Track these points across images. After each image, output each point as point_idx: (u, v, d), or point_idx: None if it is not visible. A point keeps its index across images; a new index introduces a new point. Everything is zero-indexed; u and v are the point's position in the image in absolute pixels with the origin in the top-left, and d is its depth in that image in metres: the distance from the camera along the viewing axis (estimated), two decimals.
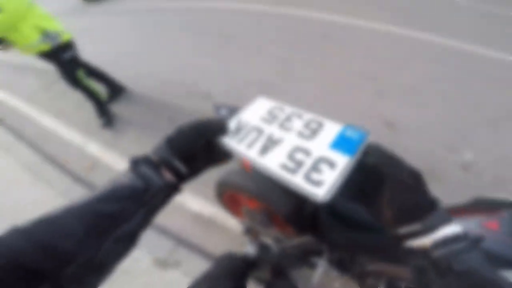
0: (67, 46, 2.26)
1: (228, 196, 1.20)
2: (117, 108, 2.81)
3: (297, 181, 0.33)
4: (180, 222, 1.80)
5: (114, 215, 0.33)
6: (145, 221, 0.37)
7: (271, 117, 0.44)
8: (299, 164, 0.35)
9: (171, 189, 0.40)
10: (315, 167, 0.34)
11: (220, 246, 1.63)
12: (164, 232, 1.76)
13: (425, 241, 0.32)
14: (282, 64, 2.98)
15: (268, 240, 0.92)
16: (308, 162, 0.35)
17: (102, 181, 1.36)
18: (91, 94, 2.52)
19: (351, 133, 0.37)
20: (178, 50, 3.70)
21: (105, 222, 0.32)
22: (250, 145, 0.41)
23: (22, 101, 3.56)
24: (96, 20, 5.65)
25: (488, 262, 0.30)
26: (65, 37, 2.21)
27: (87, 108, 2.64)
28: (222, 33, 3.80)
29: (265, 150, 0.39)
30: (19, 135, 2.90)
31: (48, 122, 2.96)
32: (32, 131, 2.92)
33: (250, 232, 1.09)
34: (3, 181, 2.38)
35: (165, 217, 1.79)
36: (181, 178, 0.41)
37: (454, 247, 0.31)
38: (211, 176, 1.81)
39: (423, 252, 0.32)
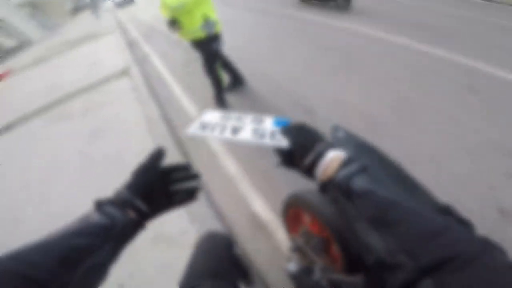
0: (217, 38, 2.44)
1: (294, 211, 1.22)
2: (232, 97, 3.18)
3: (268, 141, 0.48)
4: (237, 215, 1.90)
5: (84, 249, 0.36)
6: (113, 254, 0.41)
7: (225, 119, 0.58)
8: (263, 135, 0.50)
9: (135, 226, 0.45)
10: (272, 135, 0.50)
11: (259, 251, 1.66)
12: (220, 217, 1.90)
13: (323, 167, 0.40)
14: (404, 106, 2.65)
15: (313, 265, 0.90)
16: (267, 133, 0.50)
17: (195, 151, 2.10)
18: (218, 83, 2.75)
19: (281, 119, 0.55)
20: (300, 60, 3.88)
21: (75, 254, 0.35)
22: (221, 132, 0.54)
23: (167, 69, 4.58)
24: (243, 14, 6.61)
25: (384, 184, 0.36)
26: (217, 28, 2.38)
27: (209, 91, 2.98)
28: (349, 56, 3.73)
29: (235, 132, 0.53)
30: (154, 94, 3.74)
31: (178, 91, 3.70)
32: (164, 94, 3.72)
33: (298, 251, 1.09)
34: (125, 125, 3.14)
35: (227, 204, 2.00)
36: (144, 216, 0.46)
37: (348, 170, 0.38)
38: (286, 187, 1.90)
39: (331, 181, 0.39)
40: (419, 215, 0.32)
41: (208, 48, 2.46)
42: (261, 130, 0.52)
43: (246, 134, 0.51)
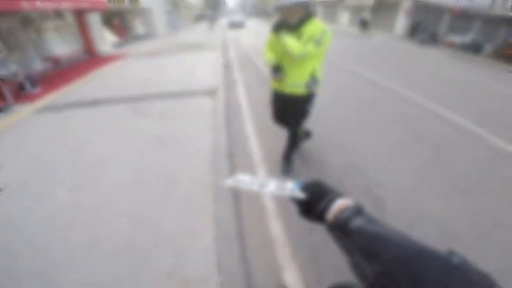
0: (313, 97, 2.24)
1: None
2: (299, 164, 2.93)
3: (288, 193, 0.58)
4: (265, 281, 1.73)
5: None
6: None
7: (254, 179, 0.65)
8: (284, 189, 0.60)
9: None
10: (292, 190, 0.59)
11: None
12: (247, 276, 1.73)
13: (332, 211, 0.50)
14: (492, 225, 2.16)
15: None
16: (288, 188, 0.60)
17: (247, 199, 2.36)
18: (295, 142, 2.55)
19: (299, 183, 0.62)
20: (384, 142, 3.45)
21: None
22: (251, 185, 0.63)
23: (247, 103, 4.77)
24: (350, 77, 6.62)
25: (373, 221, 0.44)
26: (318, 88, 2.18)
27: (281, 143, 2.80)
28: (440, 153, 3.20)
29: (261, 187, 0.61)
30: (229, 123, 3.88)
31: (250, 129, 3.76)
32: (236, 126, 3.82)
33: None
34: (191, 144, 3.22)
35: (260, 265, 1.80)
36: None
37: (347, 212, 0.47)
38: (329, 270, 1.73)
39: (336, 221, 0.48)
40: (398, 245, 0.37)
41: (302, 107, 2.25)
42: (283, 186, 0.61)
43: (271, 188, 0.61)
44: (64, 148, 3.26)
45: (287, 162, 2.74)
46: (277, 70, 2.06)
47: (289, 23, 1.90)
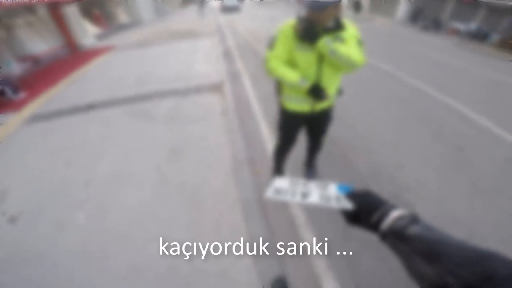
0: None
1: None
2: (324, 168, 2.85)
3: (334, 204, 0.59)
4: None
5: None
6: None
7: (294, 185, 0.67)
8: (329, 199, 0.61)
9: None
10: (338, 199, 0.61)
11: None
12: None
13: (387, 222, 0.50)
14: None
15: None
16: (333, 197, 0.61)
17: (274, 211, 2.31)
18: (319, 150, 2.49)
19: (343, 185, 0.64)
20: (406, 141, 3.36)
21: None
22: (293, 196, 0.63)
23: (257, 98, 4.53)
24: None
25: (430, 228, 0.45)
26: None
27: (301, 150, 2.65)
28: (461, 153, 3.20)
29: (304, 197, 0.63)
30: (243, 125, 3.64)
31: (265, 130, 3.58)
32: (250, 127, 3.61)
33: None
34: (208, 154, 3.04)
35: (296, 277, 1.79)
36: None
37: (402, 222, 0.48)
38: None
39: (391, 229, 0.49)
40: (462, 247, 0.39)
41: (331, 116, 2.09)
42: (326, 195, 0.62)
43: (314, 198, 0.61)
44: (71, 165, 3.02)
45: (311, 168, 2.68)
46: (319, 89, 1.68)
47: (322, 27, 1.54)
